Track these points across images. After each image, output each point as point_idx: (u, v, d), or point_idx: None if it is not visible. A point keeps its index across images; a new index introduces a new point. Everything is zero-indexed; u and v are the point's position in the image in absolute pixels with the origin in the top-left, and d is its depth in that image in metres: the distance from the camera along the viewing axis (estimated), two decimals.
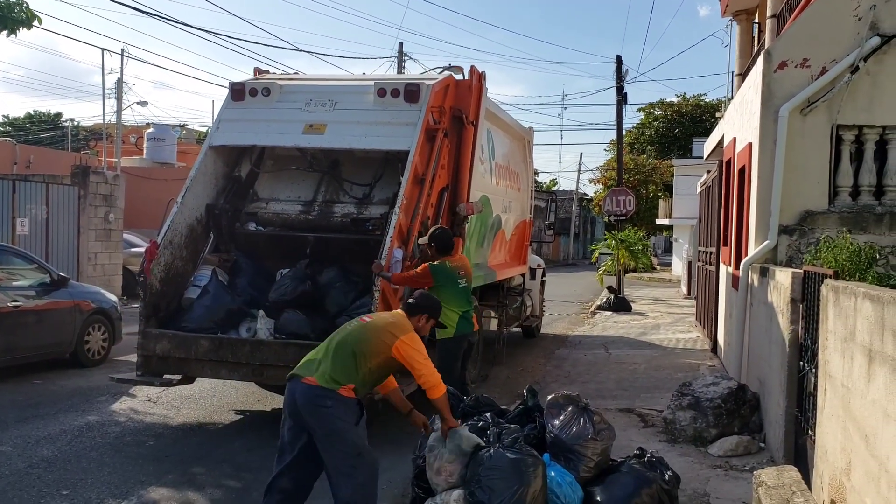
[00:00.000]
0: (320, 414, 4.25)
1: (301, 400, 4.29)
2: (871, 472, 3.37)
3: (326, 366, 4.34)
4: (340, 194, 7.93)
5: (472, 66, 8.28)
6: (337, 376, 4.31)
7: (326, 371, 4.31)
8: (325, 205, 7.87)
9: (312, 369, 4.36)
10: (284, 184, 8.10)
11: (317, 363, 4.38)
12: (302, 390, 4.30)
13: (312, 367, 4.38)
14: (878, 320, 3.38)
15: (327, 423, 4.26)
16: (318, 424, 4.26)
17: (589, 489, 4.67)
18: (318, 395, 4.26)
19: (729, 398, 6.86)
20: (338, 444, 4.28)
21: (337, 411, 4.27)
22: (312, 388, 4.28)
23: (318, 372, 4.32)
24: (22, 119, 55.42)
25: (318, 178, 8.05)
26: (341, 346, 4.43)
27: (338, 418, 4.26)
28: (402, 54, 27.59)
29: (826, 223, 7.23)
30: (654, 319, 16.89)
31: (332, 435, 4.27)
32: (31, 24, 8.89)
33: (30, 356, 9.26)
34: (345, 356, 4.38)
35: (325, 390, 4.27)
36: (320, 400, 4.26)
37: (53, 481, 5.66)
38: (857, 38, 7.14)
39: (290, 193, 8.02)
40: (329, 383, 4.28)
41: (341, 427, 4.28)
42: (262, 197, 8.08)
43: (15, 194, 14.48)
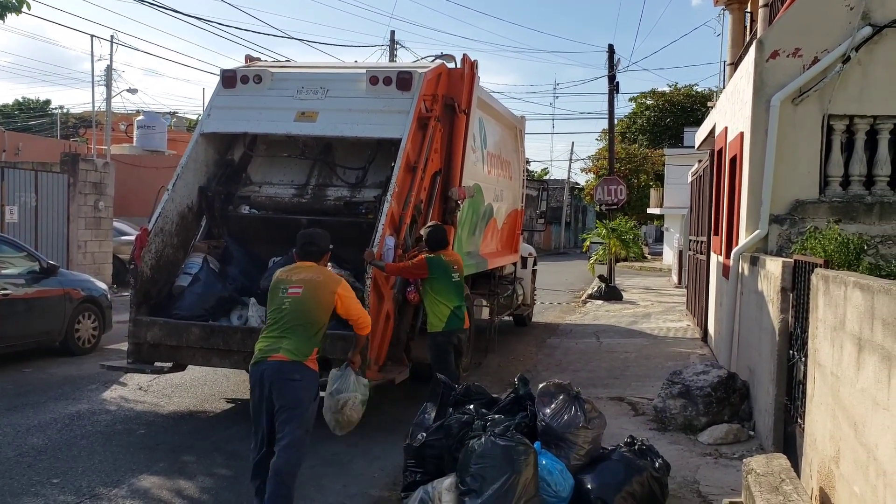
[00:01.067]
0: (289, 387, 4.50)
1: (269, 376, 4.52)
2: (860, 460, 3.40)
3: (289, 343, 4.57)
4: (333, 178, 7.95)
5: (464, 55, 8.26)
6: (301, 348, 4.57)
7: (291, 346, 4.55)
8: (319, 188, 7.89)
9: (276, 348, 4.57)
10: (278, 168, 8.10)
11: (278, 342, 4.59)
12: (271, 367, 4.54)
13: (275, 346, 4.58)
14: (867, 309, 3.40)
15: (295, 394, 4.51)
16: (286, 397, 4.50)
17: (580, 477, 4.69)
18: (288, 368, 4.52)
19: (719, 387, 6.90)
20: (297, 416, 4.51)
21: (304, 383, 4.55)
22: (282, 363, 4.53)
23: (283, 349, 4.55)
24: (10, 106, 54.98)
25: (311, 162, 8.06)
26: (293, 323, 4.62)
27: (304, 390, 4.55)
28: (393, 42, 27.47)
29: (817, 213, 7.26)
30: (644, 308, 16.95)
31: (297, 407, 4.51)
32: (20, 9, 8.78)
33: (19, 344, 9.22)
34: (302, 330, 4.61)
35: (294, 364, 4.53)
36: (290, 373, 4.51)
37: (44, 469, 5.65)
38: (848, 27, 7.15)
39: (283, 177, 8.04)
40: (297, 356, 4.53)
41: (305, 400, 4.55)
42: (255, 181, 8.09)
43: (4, 182, 14.38)
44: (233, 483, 5.51)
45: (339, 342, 6.33)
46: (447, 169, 7.93)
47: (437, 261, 6.63)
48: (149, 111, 31.16)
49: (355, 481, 5.60)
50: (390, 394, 7.17)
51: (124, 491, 5.31)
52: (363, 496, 5.37)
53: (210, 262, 7.38)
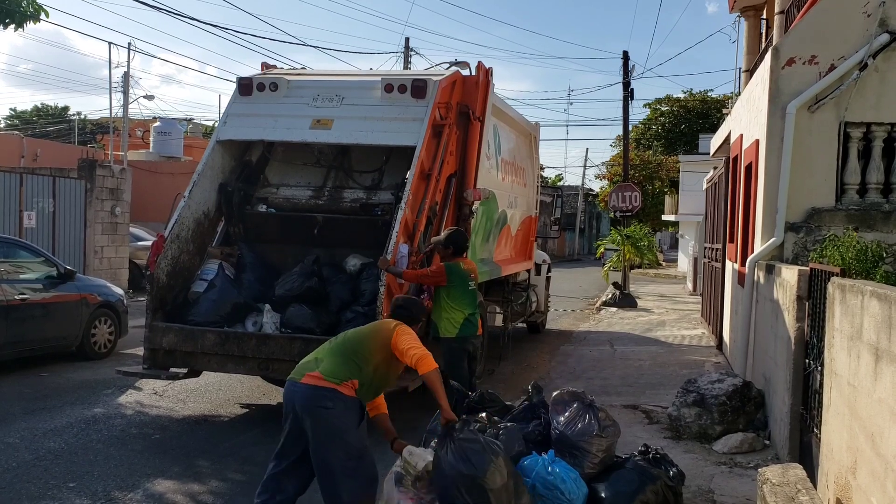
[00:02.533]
0: (319, 415, 4.15)
1: (300, 401, 4.20)
2: (877, 472, 3.37)
3: (328, 363, 4.26)
4: (349, 181, 8.07)
5: (479, 62, 8.28)
6: (339, 372, 4.22)
7: (328, 368, 4.23)
8: (335, 190, 8.01)
9: (311, 367, 4.28)
10: (295, 170, 8.22)
11: (315, 362, 4.30)
12: (300, 391, 4.22)
13: (311, 365, 4.30)
14: (885, 319, 3.37)
15: (327, 423, 4.15)
16: (317, 425, 4.15)
17: (594, 485, 4.67)
18: (318, 395, 4.16)
19: (734, 395, 6.85)
20: (338, 444, 4.17)
21: (337, 411, 4.16)
22: (312, 387, 4.19)
23: (318, 369, 4.23)
24: (29, 112, 55.57)
25: (328, 164, 8.17)
26: (343, 344, 4.40)
27: (337, 418, 4.16)
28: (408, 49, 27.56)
29: (833, 221, 7.21)
30: (659, 316, 16.87)
31: (333, 436, 4.16)
32: (39, 17, 8.90)
33: (36, 349, 9.30)
34: (348, 353, 4.33)
35: (326, 389, 4.17)
36: (320, 400, 4.16)
37: (60, 473, 5.69)
38: (865, 34, 7.11)
39: (300, 179, 8.16)
40: (330, 379, 4.18)
41: (341, 427, 4.17)
42: (272, 182, 8.21)
43: (22, 187, 14.53)
44: (246, 488, 5.52)
45: None
46: (462, 173, 7.95)
47: (455, 268, 6.65)
48: (165, 117, 31.39)
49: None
50: (403, 401, 7.16)
51: (139, 495, 5.34)
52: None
53: (226, 268, 7.43)
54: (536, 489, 4.48)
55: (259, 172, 8.24)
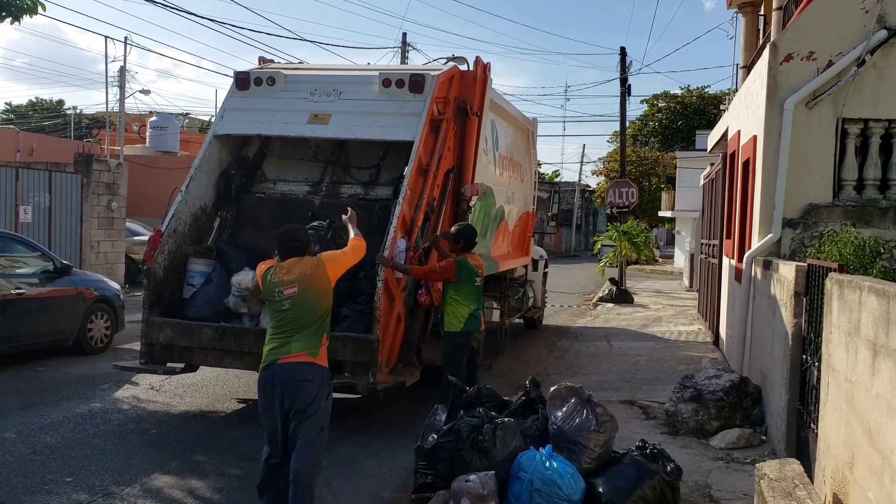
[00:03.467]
0: (301, 388, 4.45)
1: (282, 378, 4.45)
2: (875, 466, 3.38)
3: (299, 342, 4.50)
4: (347, 176, 8.06)
5: (476, 57, 8.26)
6: (311, 345, 4.52)
7: (300, 346, 4.49)
8: (332, 186, 8.01)
9: (287, 350, 4.50)
10: (292, 165, 8.20)
11: (286, 344, 4.51)
12: (282, 368, 4.48)
13: (283, 349, 4.51)
14: (883, 314, 3.38)
15: (308, 395, 4.45)
16: (299, 398, 4.44)
17: (591, 480, 4.68)
18: (300, 369, 4.46)
19: (731, 391, 6.87)
20: (311, 416, 4.47)
21: (316, 383, 4.48)
22: (294, 364, 4.47)
23: (294, 349, 4.49)
24: (24, 107, 55.37)
25: (325, 158, 8.15)
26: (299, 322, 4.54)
27: (317, 389, 4.48)
28: (405, 44, 27.51)
29: (830, 217, 7.22)
30: (656, 312, 16.88)
31: (310, 407, 4.46)
32: (35, 10, 8.84)
33: (33, 343, 9.28)
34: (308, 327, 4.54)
35: (307, 364, 4.48)
36: (301, 374, 4.46)
37: (57, 468, 5.69)
38: (863, 31, 7.11)
39: (297, 174, 8.15)
40: (309, 354, 4.49)
41: (317, 399, 4.49)
42: (269, 178, 8.20)
43: (18, 182, 14.48)
44: (244, 482, 5.53)
45: (350, 344, 6.35)
46: (459, 171, 7.94)
47: (464, 263, 6.63)
48: (162, 112, 31.32)
49: (366, 482, 5.61)
50: (401, 396, 7.17)
51: (137, 490, 5.34)
52: (374, 497, 5.38)
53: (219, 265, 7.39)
54: (534, 484, 4.50)
55: (256, 168, 8.21)
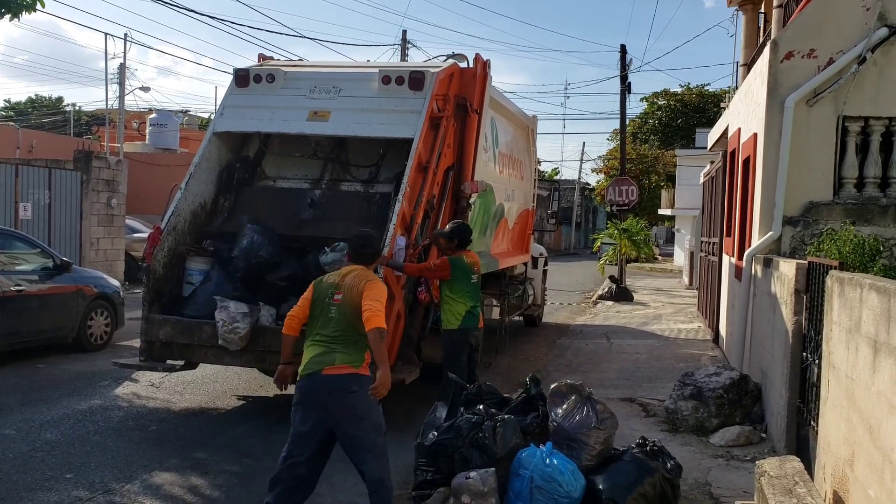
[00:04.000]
0: (348, 400, 4.37)
1: (327, 391, 4.36)
2: (875, 463, 3.38)
3: (342, 355, 4.40)
4: (346, 174, 8.04)
5: (476, 54, 8.25)
6: (354, 357, 4.43)
7: (344, 358, 4.40)
8: (332, 183, 7.98)
9: (331, 360, 4.39)
10: (292, 163, 8.18)
11: (330, 353, 4.41)
12: (326, 381, 4.36)
13: (329, 358, 4.40)
14: (884, 311, 3.38)
15: (357, 406, 4.38)
16: (348, 411, 4.37)
17: (591, 477, 4.68)
18: (346, 381, 4.37)
19: (731, 388, 6.87)
20: (366, 425, 4.40)
21: (363, 393, 4.38)
22: (338, 377, 4.37)
23: (338, 360, 4.39)
24: (23, 104, 55.31)
25: (325, 157, 8.13)
26: (341, 332, 4.45)
27: (364, 399, 4.39)
28: (405, 42, 27.49)
29: (830, 215, 7.22)
30: (655, 309, 16.89)
31: (362, 417, 4.39)
32: (35, 7, 8.83)
33: (33, 340, 9.28)
34: (351, 339, 4.45)
35: (351, 376, 4.39)
36: (348, 386, 4.37)
37: (57, 464, 5.69)
38: (864, 28, 7.11)
39: (297, 172, 8.13)
40: (354, 366, 4.40)
41: (368, 408, 4.41)
42: (269, 175, 8.18)
43: (18, 179, 14.48)
44: (244, 479, 5.54)
45: None
46: (459, 166, 7.93)
47: (459, 262, 6.64)
48: (161, 109, 31.27)
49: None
50: (401, 393, 7.16)
51: (137, 486, 5.34)
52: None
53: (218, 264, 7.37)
54: (535, 481, 4.50)
55: (256, 166, 8.20)
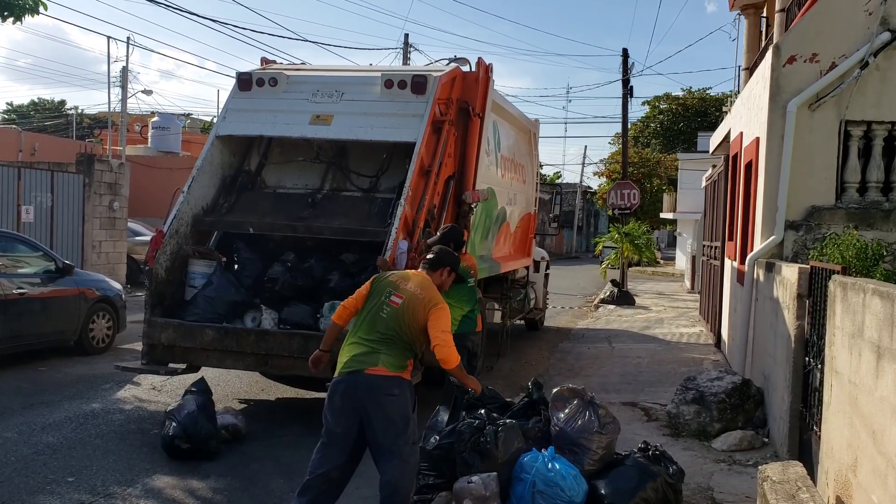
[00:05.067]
0: (388, 402, 4.30)
1: (367, 390, 4.29)
2: (879, 469, 3.37)
3: (387, 356, 4.35)
4: (347, 183, 7.97)
5: (479, 58, 8.26)
6: (401, 362, 4.39)
7: (389, 360, 4.35)
8: (332, 192, 7.91)
9: (374, 360, 4.33)
10: (291, 172, 8.13)
11: (375, 353, 4.35)
12: (367, 381, 4.30)
13: (372, 358, 4.34)
14: (887, 317, 3.37)
15: (395, 409, 4.32)
16: (385, 412, 4.30)
17: (594, 482, 4.68)
18: (386, 384, 4.31)
19: (733, 393, 6.86)
20: (401, 429, 4.34)
21: (403, 398, 4.36)
22: (380, 377, 4.31)
23: (381, 362, 4.33)
24: (26, 106, 55.40)
25: (325, 167, 8.07)
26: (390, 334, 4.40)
27: (404, 405, 4.36)
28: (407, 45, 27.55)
29: (833, 219, 7.22)
30: (657, 313, 16.88)
31: (399, 421, 4.33)
32: (37, 10, 8.86)
33: (34, 343, 9.28)
34: (400, 343, 4.41)
35: (393, 378, 4.33)
36: (388, 389, 4.31)
37: (59, 468, 5.68)
38: (866, 33, 7.11)
39: (297, 181, 8.06)
40: (396, 369, 4.35)
41: (406, 414, 4.37)
42: (269, 185, 8.12)
43: (20, 182, 14.50)
44: (246, 483, 5.53)
45: None
46: (461, 173, 7.93)
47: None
48: (163, 112, 31.32)
49: (368, 483, 5.56)
50: None
51: (138, 490, 5.33)
52: (375, 498, 5.30)
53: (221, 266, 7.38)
54: (537, 486, 4.49)
55: (256, 175, 8.11)
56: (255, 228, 7.43)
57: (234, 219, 7.55)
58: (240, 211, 7.66)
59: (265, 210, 7.63)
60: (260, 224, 7.42)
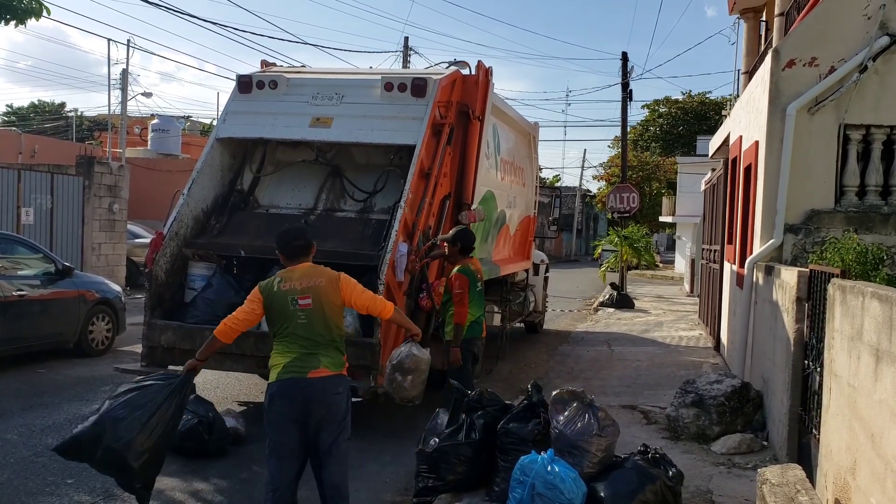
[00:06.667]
0: (335, 402, 4.32)
1: (313, 394, 4.26)
2: (878, 472, 3.38)
3: (326, 357, 4.32)
4: (341, 202, 7.85)
5: (479, 62, 8.28)
6: (337, 360, 4.39)
7: (328, 360, 4.32)
8: (326, 213, 7.78)
9: (315, 364, 4.29)
10: (285, 191, 8.02)
11: (312, 357, 4.30)
12: (312, 384, 4.25)
13: (311, 362, 4.29)
14: (886, 320, 3.38)
15: (341, 408, 4.35)
16: (333, 412, 4.31)
17: (593, 485, 4.68)
18: (333, 383, 4.33)
19: (732, 396, 6.86)
20: (344, 428, 4.38)
21: (345, 395, 4.40)
22: (325, 378, 4.29)
23: (323, 364, 4.29)
24: (26, 108, 55.42)
25: (319, 186, 7.96)
26: (319, 337, 4.34)
27: (346, 401, 4.40)
28: (407, 48, 27.58)
29: (832, 223, 7.23)
30: (656, 317, 16.89)
31: (343, 420, 4.36)
32: (40, 14, 8.88)
33: (34, 345, 9.29)
34: (330, 342, 4.37)
35: (337, 377, 4.35)
36: (334, 388, 4.33)
37: (58, 469, 5.67)
38: (865, 37, 7.12)
39: (290, 201, 7.93)
40: (337, 368, 4.36)
41: (347, 411, 4.41)
42: (262, 204, 7.99)
43: (20, 184, 14.51)
44: (245, 485, 5.53)
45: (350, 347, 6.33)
46: (460, 178, 7.93)
47: (470, 272, 6.59)
48: (163, 115, 31.35)
49: (367, 486, 5.60)
50: None
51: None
52: (375, 501, 5.37)
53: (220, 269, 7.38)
54: (536, 488, 4.49)
55: (249, 195, 8.02)
56: (246, 251, 7.27)
57: (226, 241, 7.41)
58: (231, 232, 7.53)
59: (257, 231, 7.45)
60: (252, 247, 7.24)
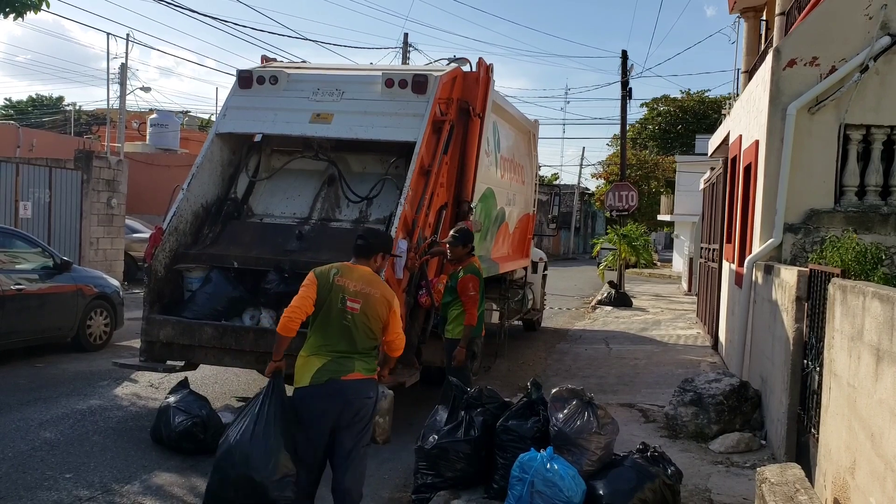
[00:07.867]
0: (364, 405, 4.39)
1: (348, 396, 4.31)
2: (877, 472, 3.38)
3: (362, 362, 4.39)
4: (336, 212, 7.78)
5: (479, 59, 8.27)
6: (370, 364, 4.47)
7: (363, 365, 4.40)
8: (321, 222, 7.70)
9: (349, 368, 4.32)
10: (279, 199, 7.94)
11: (349, 360, 4.33)
12: (346, 386, 4.30)
13: (346, 366, 4.32)
14: (886, 320, 3.38)
15: (368, 412, 4.43)
16: (361, 415, 4.38)
17: (592, 483, 4.68)
18: (365, 387, 4.39)
19: (731, 395, 6.87)
20: (366, 433, 4.46)
21: (374, 400, 4.48)
22: (359, 381, 4.35)
23: (357, 367, 4.36)
24: (24, 102, 55.29)
25: (314, 196, 7.90)
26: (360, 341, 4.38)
27: (374, 407, 4.49)
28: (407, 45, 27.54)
29: (831, 222, 7.23)
30: (654, 315, 16.90)
31: (367, 425, 4.43)
32: (40, 7, 8.84)
33: (32, 340, 9.27)
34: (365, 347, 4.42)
35: (369, 381, 4.42)
36: (366, 392, 4.40)
37: (57, 464, 5.68)
38: (867, 37, 7.12)
39: (284, 209, 7.84)
40: (369, 373, 4.43)
41: (372, 416, 4.50)
42: (256, 213, 7.90)
43: (18, 177, 14.48)
44: None
45: None
46: (461, 173, 7.93)
47: (479, 273, 6.70)
48: (162, 110, 31.31)
49: (366, 482, 5.57)
50: (401, 397, 7.15)
51: (136, 487, 5.33)
52: (374, 498, 5.37)
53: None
54: (535, 485, 4.50)
55: (244, 203, 7.94)
56: (239, 262, 7.19)
57: (219, 251, 7.33)
58: (225, 242, 7.46)
59: (251, 242, 7.39)
60: (245, 258, 7.18)
